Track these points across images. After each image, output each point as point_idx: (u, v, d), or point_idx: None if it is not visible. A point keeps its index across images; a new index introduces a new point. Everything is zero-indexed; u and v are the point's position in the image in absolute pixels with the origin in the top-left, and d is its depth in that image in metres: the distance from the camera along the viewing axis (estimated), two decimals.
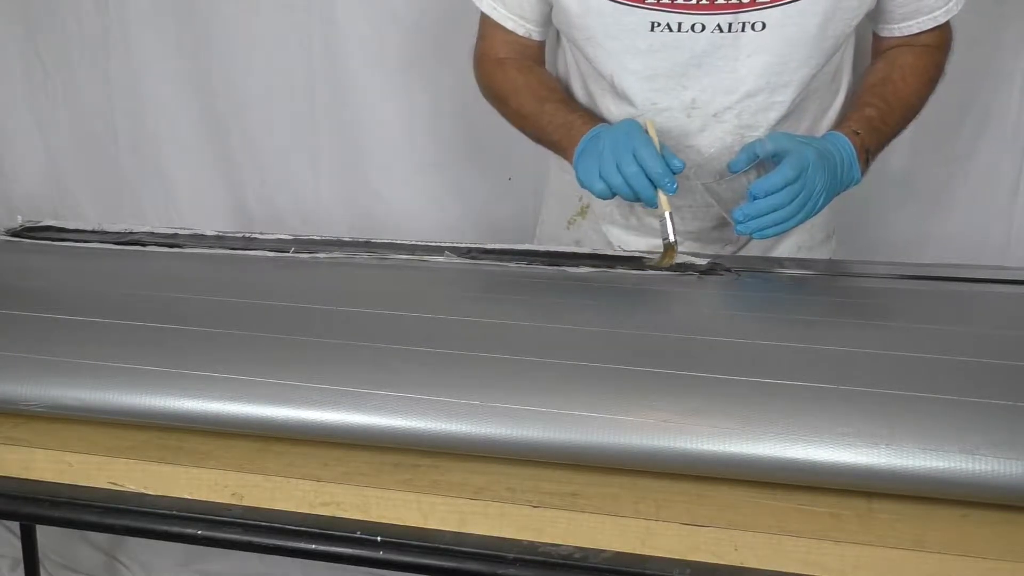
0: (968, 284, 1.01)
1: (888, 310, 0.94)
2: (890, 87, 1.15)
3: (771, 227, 1.03)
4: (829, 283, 1.04)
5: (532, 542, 0.73)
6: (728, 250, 1.24)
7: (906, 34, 1.17)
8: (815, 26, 1.08)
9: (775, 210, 1.02)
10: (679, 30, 1.08)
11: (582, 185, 1.08)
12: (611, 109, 1.18)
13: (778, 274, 1.06)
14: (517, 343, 0.85)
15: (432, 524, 0.75)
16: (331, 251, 1.13)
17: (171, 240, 1.20)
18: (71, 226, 1.29)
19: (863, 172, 1.11)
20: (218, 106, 1.77)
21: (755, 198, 1.02)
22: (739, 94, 1.12)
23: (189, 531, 0.79)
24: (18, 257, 1.18)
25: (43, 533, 1.78)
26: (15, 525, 1.84)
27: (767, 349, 0.82)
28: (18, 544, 1.72)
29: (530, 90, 1.21)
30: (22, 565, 1.68)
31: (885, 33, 1.18)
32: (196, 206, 1.85)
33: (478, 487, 0.76)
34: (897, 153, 1.57)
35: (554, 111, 1.18)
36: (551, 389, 0.77)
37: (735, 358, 0.80)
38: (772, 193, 1.02)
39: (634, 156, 1.04)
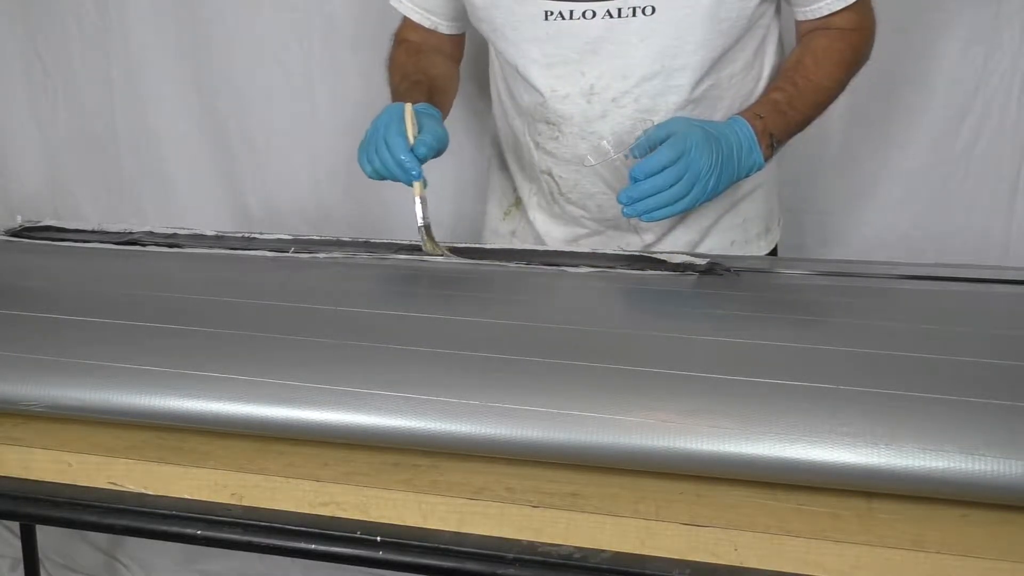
0: (968, 284, 1.01)
1: (888, 310, 0.94)
2: (801, 71, 1.16)
3: (657, 209, 1.05)
4: (829, 283, 1.04)
5: (532, 542, 0.73)
6: (647, 239, 1.25)
7: (817, 16, 1.16)
8: (705, 7, 1.09)
9: (658, 192, 1.04)
10: (571, 17, 1.11)
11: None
12: (524, 97, 1.22)
13: (777, 274, 1.06)
14: (517, 343, 0.85)
15: (432, 524, 0.75)
16: (331, 251, 1.13)
17: (171, 240, 1.20)
18: (71, 226, 1.29)
19: (767, 156, 1.12)
20: (218, 106, 1.78)
21: (636, 180, 1.04)
22: (635, 79, 1.13)
23: (189, 531, 0.79)
24: (18, 257, 1.18)
25: (43, 533, 1.78)
26: (15, 525, 1.84)
27: (767, 349, 0.82)
28: (18, 544, 1.72)
29: (402, 71, 1.26)
30: (22, 565, 1.69)
31: (800, 16, 1.19)
32: (196, 206, 1.85)
33: (478, 487, 0.76)
34: (896, 153, 1.57)
35: (400, 91, 1.22)
36: (551, 389, 0.77)
37: (735, 358, 0.80)
38: (652, 175, 1.03)
39: (385, 143, 1.08)
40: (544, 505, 0.74)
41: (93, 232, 1.26)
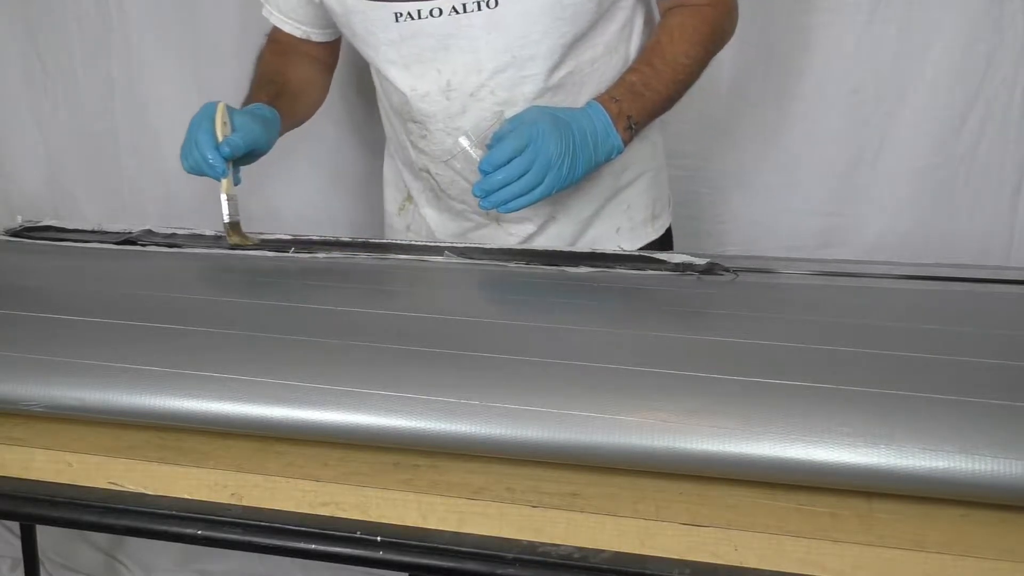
0: (969, 284, 1.01)
1: (889, 310, 0.94)
2: (657, 50, 1.17)
3: (513, 200, 1.06)
4: (828, 283, 1.04)
5: (531, 542, 0.73)
6: (528, 229, 1.25)
7: None
8: None
9: (509, 183, 1.05)
10: (420, 17, 1.13)
11: None
12: (392, 98, 1.24)
13: (777, 274, 1.06)
14: (517, 343, 0.85)
15: (431, 524, 0.75)
16: (331, 251, 1.13)
17: (170, 240, 1.20)
18: (71, 226, 1.29)
19: (626, 139, 1.13)
20: None
21: (485, 173, 1.06)
22: (488, 71, 1.14)
23: (189, 531, 0.79)
24: (18, 257, 1.18)
25: (43, 533, 1.78)
26: (15, 525, 1.84)
27: (767, 349, 0.82)
28: (18, 544, 1.73)
29: (261, 70, 1.30)
30: (22, 565, 1.69)
31: None
32: (196, 206, 1.85)
33: (477, 487, 0.76)
34: (898, 152, 1.57)
35: (251, 90, 1.26)
36: (551, 389, 0.77)
37: (734, 358, 0.80)
38: (500, 166, 1.05)
39: (194, 141, 1.11)
40: (544, 505, 0.74)
41: (93, 232, 1.26)
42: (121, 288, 1.04)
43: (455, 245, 1.14)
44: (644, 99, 1.14)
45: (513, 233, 1.26)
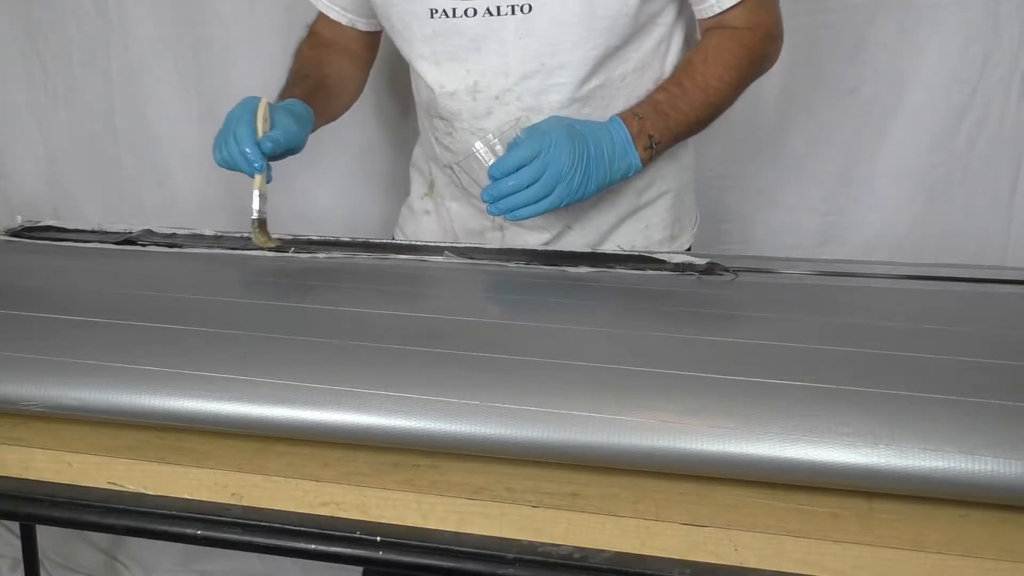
0: (968, 284, 1.01)
1: (888, 310, 0.94)
2: (689, 71, 1.15)
3: (520, 208, 1.06)
4: (828, 283, 1.04)
5: (532, 542, 0.73)
6: (543, 237, 1.25)
7: (709, 15, 1.15)
8: (579, 5, 1.09)
9: (517, 191, 1.05)
10: (454, 15, 1.12)
11: None
12: (422, 93, 1.24)
13: (777, 274, 1.06)
14: (517, 343, 0.85)
15: (431, 524, 0.75)
16: (331, 251, 1.13)
17: (170, 240, 1.20)
18: (71, 226, 1.29)
19: (645, 158, 1.11)
20: (218, 106, 1.77)
21: (495, 178, 1.05)
22: (515, 76, 1.14)
23: (189, 531, 0.79)
24: (18, 257, 1.18)
25: (43, 533, 1.78)
26: (15, 525, 1.84)
27: (767, 349, 0.82)
28: (18, 544, 1.73)
29: (298, 64, 1.30)
30: (22, 565, 1.69)
31: (697, 15, 1.18)
32: (196, 206, 1.85)
33: (477, 487, 0.76)
34: (896, 151, 1.57)
35: (287, 84, 1.27)
36: (551, 389, 0.77)
37: (734, 358, 0.80)
38: (510, 173, 1.04)
39: (233, 134, 1.11)
40: (544, 505, 0.74)
41: (93, 232, 1.26)
42: (121, 288, 1.04)
43: (455, 245, 1.14)
44: (669, 119, 1.12)
45: (528, 240, 1.25)
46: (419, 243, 1.19)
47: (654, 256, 1.10)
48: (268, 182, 1.13)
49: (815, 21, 1.54)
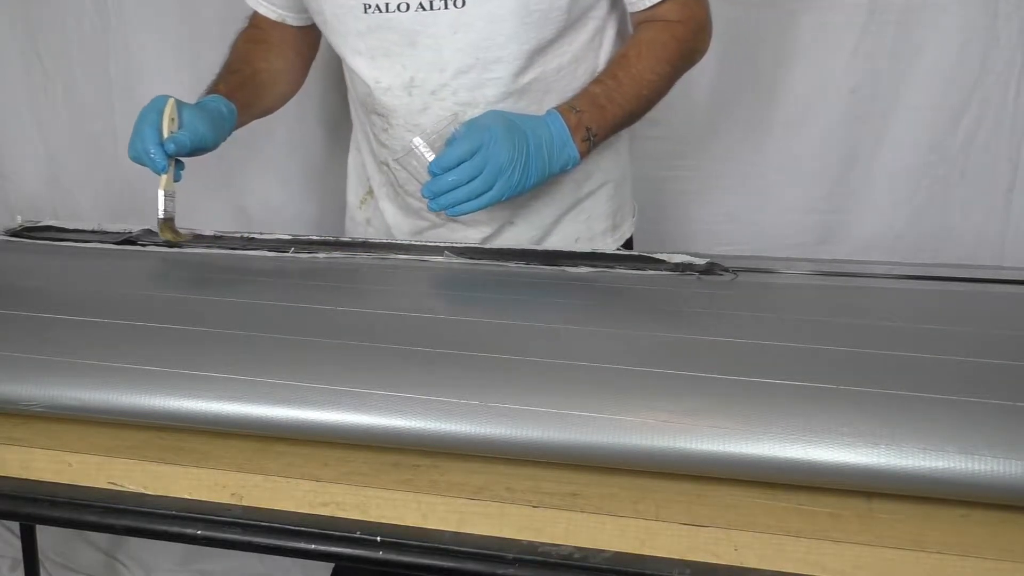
0: (967, 284, 1.01)
1: (887, 310, 0.94)
2: (623, 64, 1.16)
3: (461, 203, 1.06)
4: (828, 283, 1.04)
5: (532, 542, 0.73)
6: (482, 232, 1.25)
7: (640, 8, 1.17)
8: (513, 0, 1.09)
9: (458, 186, 1.05)
10: (388, 10, 1.12)
11: None
12: (358, 88, 1.24)
13: (777, 274, 1.06)
14: (517, 343, 0.85)
15: (431, 524, 0.75)
16: (331, 251, 1.13)
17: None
18: (71, 226, 1.29)
19: (584, 151, 1.12)
20: None
21: (435, 175, 1.06)
22: (451, 71, 1.14)
23: (189, 531, 0.79)
24: (18, 257, 1.18)
25: (43, 533, 1.78)
26: (15, 525, 1.84)
27: (767, 349, 0.82)
28: (18, 544, 1.73)
29: (231, 58, 1.30)
30: (22, 565, 1.69)
31: (629, 8, 1.19)
32: (196, 206, 1.84)
33: (477, 487, 0.76)
34: (894, 151, 1.57)
35: (217, 78, 1.27)
36: (551, 389, 0.77)
37: (735, 358, 0.80)
38: (450, 169, 1.05)
39: (139, 134, 1.11)
40: (544, 505, 0.74)
41: (93, 232, 1.26)
42: (121, 288, 1.04)
43: (455, 245, 1.14)
44: (605, 112, 1.13)
45: (468, 236, 1.25)
46: (419, 243, 1.19)
47: (654, 256, 1.10)
48: (176, 180, 1.14)
49: (814, 21, 1.54)
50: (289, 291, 1.03)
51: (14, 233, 1.26)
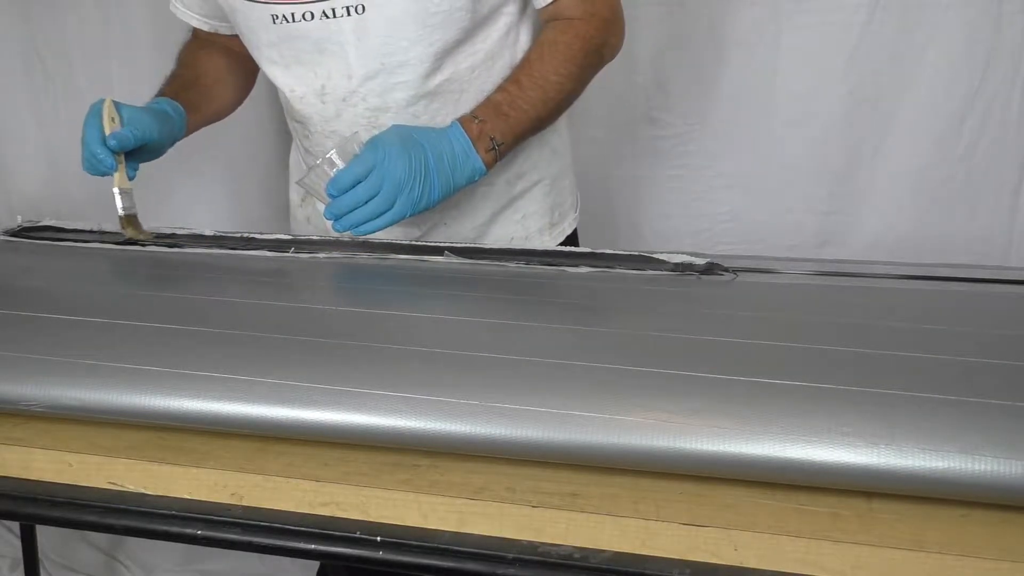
0: (968, 284, 1.01)
1: (888, 310, 0.94)
2: (526, 67, 1.15)
3: (364, 223, 1.06)
4: (828, 283, 1.04)
5: (532, 542, 0.73)
6: (411, 233, 1.24)
7: (543, 5, 1.16)
8: (412, 3, 1.09)
9: (357, 207, 1.05)
10: (294, 20, 1.13)
11: None
12: (280, 96, 1.25)
13: (777, 274, 1.06)
14: (517, 343, 0.85)
15: (432, 524, 0.75)
16: (331, 251, 1.13)
17: (171, 240, 1.20)
18: (71, 226, 1.29)
19: (490, 161, 1.11)
20: None
21: (333, 196, 1.06)
22: (358, 78, 1.14)
23: (189, 531, 0.79)
24: (18, 257, 1.18)
25: (43, 533, 1.78)
26: (15, 525, 1.84)
27: (767, 349, 0.82)
28: (18, 544, 1.73)
29: (177, 63, 1.33)
30: (22, 565, 1.69)
31: (535, 5, 1.18)
32: (196, 206, 1.85)
33: (478, 487, 0.76)
34: (897, 152, 1.57)
35: (163, 83, 1.30)
36: (551, 389, 0.77)
37: (735, 358, 0.80)
38: (346, 190, 1.05)
39: (83, 140, 1.15)
40: (544, 505, 0.74)
41: (93, 232, 1.26)
42: (121, 288, 1.04)
43: (454, 245, 1.14)
44: (509, 119, 1.12)
45: (397, 236, 1.23)
46: (419, 243, 1.19)
47: (654, 256, 1.09)
48: (131, 179, 1.15)
49: (814, 21, 1.54)
50: (289, 291, 1.03)
51: (14, 233, 1.26)
